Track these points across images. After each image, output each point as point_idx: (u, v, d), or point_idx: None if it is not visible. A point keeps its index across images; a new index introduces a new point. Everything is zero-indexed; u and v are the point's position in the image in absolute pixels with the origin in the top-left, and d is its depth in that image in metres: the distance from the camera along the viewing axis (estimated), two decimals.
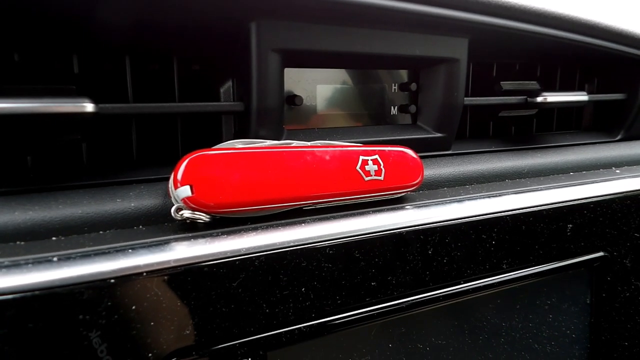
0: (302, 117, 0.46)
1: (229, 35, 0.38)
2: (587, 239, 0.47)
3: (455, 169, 0.48)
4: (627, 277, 0.51)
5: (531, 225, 0.43)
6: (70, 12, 0.33)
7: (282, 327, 0.33)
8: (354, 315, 0.36)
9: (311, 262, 0.33)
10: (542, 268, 0.45)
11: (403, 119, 0.51)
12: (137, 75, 0.39)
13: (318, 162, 0.36)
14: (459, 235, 0.40)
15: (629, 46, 0.56)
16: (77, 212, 0.32)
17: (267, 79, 0.38)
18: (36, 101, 0.30)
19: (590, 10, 0.51)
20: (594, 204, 0.47)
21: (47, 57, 0.36)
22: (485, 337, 0.44)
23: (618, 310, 0.51)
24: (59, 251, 0.27)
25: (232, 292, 0.30)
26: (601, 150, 0.60)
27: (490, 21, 0.45)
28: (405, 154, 0.41)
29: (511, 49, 0.54)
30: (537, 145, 0.57)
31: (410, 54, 0.45)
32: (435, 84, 0.49)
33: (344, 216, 0.36)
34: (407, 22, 0.42)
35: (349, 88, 0.48)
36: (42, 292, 0.25)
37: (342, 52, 0.42)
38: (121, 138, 0.39)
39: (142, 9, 0.34)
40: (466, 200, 0.41)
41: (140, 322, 0.28)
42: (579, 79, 0.65)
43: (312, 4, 0.36)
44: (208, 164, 0.32)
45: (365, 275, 0.36)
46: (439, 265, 0.39)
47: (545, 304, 0.47)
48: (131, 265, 0.27)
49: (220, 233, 0.31)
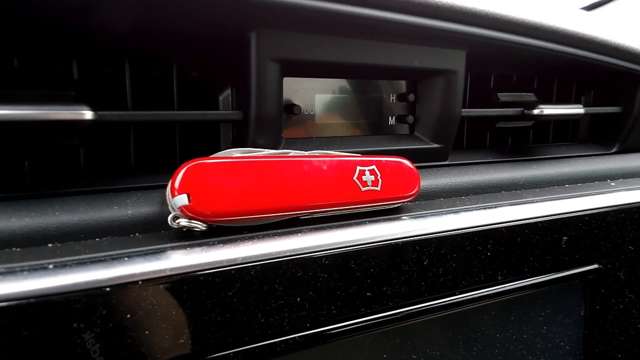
0: (300, 126, 0.46)
1: (229, 44, 0.39)
2: (581, 252, 0.48)
3: (452, 179, 0.48)
4: (622, 290, 0.52)
5: (526, 237, 0.43)
6: (70, 17, 0.33)
7: (277, 336, 0.33)
8: (349, 325, 0.36)
9: (307, 272, 0.33)
10: (537, 280, 0.45)
11: (401, 129, 0.52)
12: (136, 81, 0.39)
13: (315, 171, 0.36)
14: (454, 246, 0.40)
15: (625, 60, 0.57)
16: (74, 219, 0.32)
17: (266, 88, 0.38)
18: (35, 108, 0.30)
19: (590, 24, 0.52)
20: (589, 216, 0.47)
21: (47, 62, 0.36)
22: (480, 348, 0.44)
23: (612, 322, 0.52)
24: (55, 258, 0.27)
25: (227, 302, 0.30)
26: (597, 162, 0.60)
27: (488, 34, 0.45)
28: (402, 164, 0.41)
29: (508, 61, 0.55)
30: (533, 157, 0.58)
31: (408, 65, 0.45)
32: (433, 95, 0.49)
33: (340, 226, 0.36)
34: (406, 34, 0.42)
35: (347, 98, 0.48)
36: (37, 300, 0.25)
37: (341, 63, 0.42)
38: (119, 145, 0.39)
39: (143, 15, 0.34)
40: (462, 212, 0.41)
41: (135, 330, 0.28)
42: (575, 91, 0.65)
43: (312, 15, 0.37)
44: (205, 173, 0.32)
45: (361, 285, 0.36)
46: (435, 276, 0.39)
47: (540, 316, 0.48)
48: (127, 273, 0.27)
49: (216, 242, 0.31)
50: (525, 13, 0.47)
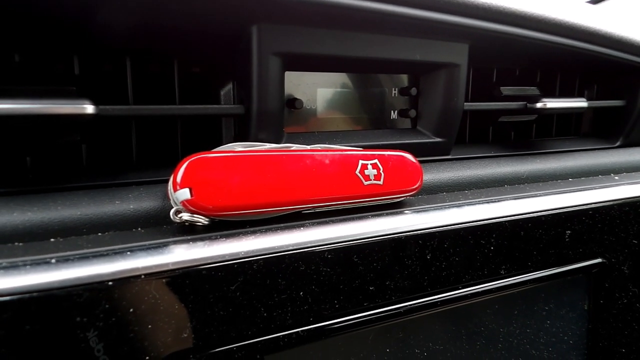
0: (302, 120, 0.46)
1: (230, 38, 0.39)
2: (585, 245, 0.47)
3: (455, 173, 0.48)
4: (625, 284, 0.51)
5: (530, 231, 0.43)
6: (72, 13, 0.33)
7: (280, 331, 0.33)
8: (352, 319, 0.36)
9: (310, 266, 0.33)
10: (540, 274, 0.45)
11: (403, 123, 0.51)
12: (137, 77, 0.39)
13: (317, 165, 0.36)
14: (457, 241, 0.40)
15: (629, 53, 0.56)
16: (76, 214, 0.32)
17: (268, 82, 0.38)
18: (36, 102, 0.30)
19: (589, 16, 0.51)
20: (593, 210, 0.47)
21: (48, 58, 0.36)
22: (483, 343, 0.44)
23: (616, 316, 0.51)
24: (57, 253, 0.27)
25: (230, 296, 0.30)
26: (600, 156, 0.60)
27: (491, 27, 0.45)
28: (405, 158, 0.41)
29: (511, 54, 0.54)
30: (536, 151, 0.58)
31: (410, 59, 0.45)
32: (436, 88, 0.49)
33: (342, 220, 0.36)
34: (408, 27, 0.42)
35: (349, 92, 0.48)
36: (39, 294, 0.25)
37: (343, 56, 0.42)
38: (121, 139, 0.39)
39: (144, 11, 0.34)
40: (465, 206, 0.41)
41: (138, 324, 0.28)
42: (578, 85, 0.65)
43: (314, 9, 0.36)
44: (208, 167, 0.32)
45: (364, 279, 0.36)
46: (438, 270, 0.39)
47: (543, 310, 0.47)
48: (129, 267, 0.27)
49: (219, 236, 0.31)
50: (529, 5, 0.46)
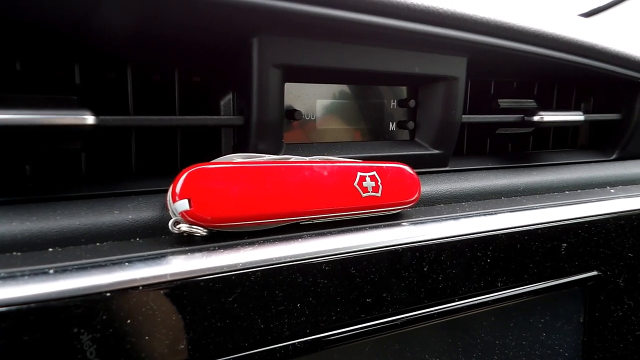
0: (302, 132, 0.46)
1: (230, 49, 0.39)
2: (581, 258, 0.48)
3: (452, 185, 0.48)
4: (621, 297, 0.52)
5: (526, 244, 0.43)
6: (73, 22, 0.33)
7: (277, 342, 0.33)
8: (349, 331, 0.36)
9: (307, 278, 0.33)
10: (536, 286, 0.45)
11: (401, 134, 0.52)
12: (138, 86, 0.39)
13: (316, 177, 0.36)
14: (454, 253, 0.40)
15: (624, 68, 0.57)
16: (75, 224, 0.32)
17: (268, 94, 0.38)
18: (37, 112, 0.30)
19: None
20: (589, 223, 0.47)
21: (49, 67, 0.36)
22: (479, 355, 0.44)
23: (611, 329, 0.52)
24: (56, 263, 0.27)
25: (227, 307, 0.30)
26: (596, 169, 0.60)
27: (489, 41, 0.45)
28: (403, 170, 0.41)
29: (509, 67, 0.55)
30: (533, 164, 0.58)
31: (409, 72, 0.45)
32: (434, 101, 0.49)
33: (340, 232, 0.36)
34: (407, 40, 0.43)
35: (348, 103, 0.48)
36: (37, 305, 0.25)
37: (343, 69, 0.42)
38: (120, 149, 0.39)
39: (145, 21, 0.34)
40: (462, 218, 0.42)
41: (135, 335, 0.28)
42: (575, 98, 0.66)
43: (314, 21, 0.37)
44: (206, 178, 0.32)
45: (361, 291, 0.36)
46: (434, 282, 0.39)
47: (539, 322, 0.48)
48: (127, 278, 0.27)
49: (217, 247, 0.31)
50: (526, 20, 0.47)
